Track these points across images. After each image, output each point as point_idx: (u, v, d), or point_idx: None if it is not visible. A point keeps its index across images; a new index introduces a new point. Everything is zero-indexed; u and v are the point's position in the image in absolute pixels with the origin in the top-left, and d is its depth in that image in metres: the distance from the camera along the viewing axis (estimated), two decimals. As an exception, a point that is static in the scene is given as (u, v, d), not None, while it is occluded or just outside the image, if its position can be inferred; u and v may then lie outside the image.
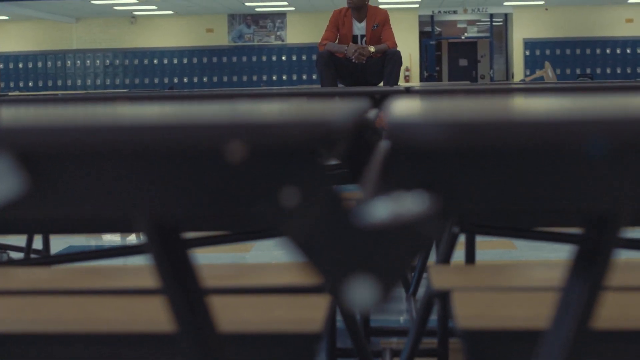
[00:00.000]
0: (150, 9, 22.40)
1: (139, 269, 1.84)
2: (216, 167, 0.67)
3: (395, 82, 7.02)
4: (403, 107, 0.77)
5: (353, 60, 7.01)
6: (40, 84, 24.05)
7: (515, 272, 1.89)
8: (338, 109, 0.76)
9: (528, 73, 22.67)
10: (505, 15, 24.31)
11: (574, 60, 23.23)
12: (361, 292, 0.67)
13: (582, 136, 0.64)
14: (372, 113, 1.63)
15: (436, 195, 0.66)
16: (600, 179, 0.66)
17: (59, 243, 5.42)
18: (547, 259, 4.95)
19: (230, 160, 0.66)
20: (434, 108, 0.80)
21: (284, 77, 23.49)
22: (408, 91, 3.60)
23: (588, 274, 0.76)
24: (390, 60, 7.06)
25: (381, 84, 7.17)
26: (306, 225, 0.67)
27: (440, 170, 0.66)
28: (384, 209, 0.66)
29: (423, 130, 0.64)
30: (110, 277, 1.85)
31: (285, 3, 21.72)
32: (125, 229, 1.74)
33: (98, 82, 24.03)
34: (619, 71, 23.19)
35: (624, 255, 1.11)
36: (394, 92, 3.27)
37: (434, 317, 2.08)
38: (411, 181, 0.66)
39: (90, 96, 3.27)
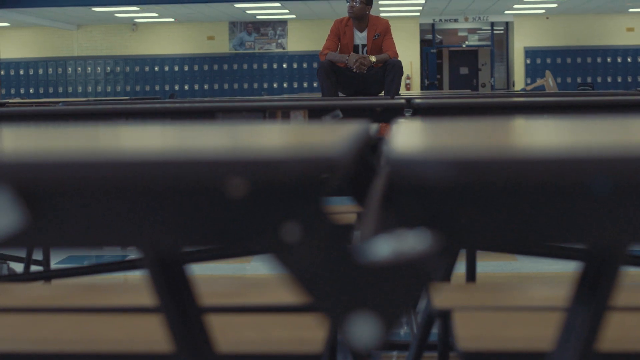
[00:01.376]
0: (151, 16, 22.43)
1: (139, 284, 1.83)
2: (217, 202, 0.66)
3: (397, 92, 7.02)
4: (404, 141, 0.77)
5: (354, 70, 7.01)
6: (41, 90, 24.07)
7: (518, 291, 1.88)
8: (340, 140, 0.75)
9: (529, 82, 22.69)
10: (506, 23, 24.34)
11: (574, 69, 23.26)
12: (363, 329, 0.67)
13: (587, 174, 0.63)
14: (373, 127, 1.62)
15: (438, 233, 0.65)
16: (605, 216, 0.65)
17: (59, 252, 5.41)
18: (548, 271, 4.94)
19: (231, 196, 0.65)
20: (436, 142, 0.79)
21: (285, 85, 23.52)
22: (409, 103, 3.60)
23: (592, 297, 0.75)
24: (392, 70, 7.06)
25: (382, 93, 7.16)
26: (307, 261, 0.67)
27: (443, 207, 0.65)
28: (386, 246, 0.65)
29: (425, 167, 0.64)
30: (109, 294, 1.85)
31: (286, 11, 21.74)
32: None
33: (99, 89, 24.06)
34: (619, 80, 23.22)
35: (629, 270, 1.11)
36: (395, 106, 3.26)
37: (434, 328, 2.07)
38: (413, 218, 0.66)
39: (89, 110, 3.27)
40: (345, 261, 0.66)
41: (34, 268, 4.07)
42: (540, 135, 0.97)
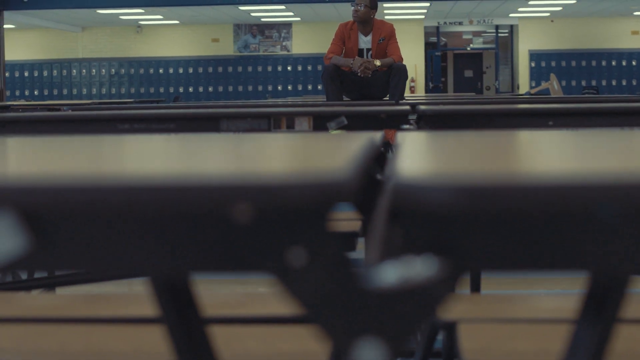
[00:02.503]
0: (156, 19, 22.45)
1: (142, 294, 1.82)
2: (223, 228, 0.66)
3: (401, 96, 7.01)
4: (409, 164, 0.76)
5: (359, 74, 7.00)
6: (46, 92, 24.09)
7: (524, 302, 1.88)
8: (346, 163, 0.75)
9: (533, 84, 22.67)
10: (511, 26, 24.33)
11: (579, 72, 23.24)
12: (368, 354, 0.66)
13: (593, 201, 0.63)
14: (378, 138, 1.61)
15: (445, 259, 0.65)
16: (612, 242, 0.65)
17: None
18: (551, 276, 4.93)
19: (237, 222, 0.65)
20: (441, 164, 0.79)
21: (289, 87, 23.52)
22: (414, 109, 3.59)
23: (600, 311, 0.75)
24: (396, 74, 7.05)
25: (387, 97, 7.15)
26: (313, 286, 0.66)
27: (449, 234, 0.65)
28: (392, 272, 0.65)
29: (431, 194, 0.63)
30: (113, 304, 1.84)
31: (291, 13, 21.74)
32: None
33: (103, 91, 24.07)
34: (624, 83, 23.19)
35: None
36: (400, 112, 3.26)
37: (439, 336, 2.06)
38: (419, 244, 0.65)
39: (94, 116, 3.26)
40: (351, 286, 0.66)
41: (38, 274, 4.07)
42: (547, 155, 0.97)
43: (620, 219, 0.64)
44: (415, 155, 0.99)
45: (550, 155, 1.01)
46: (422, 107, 3.23)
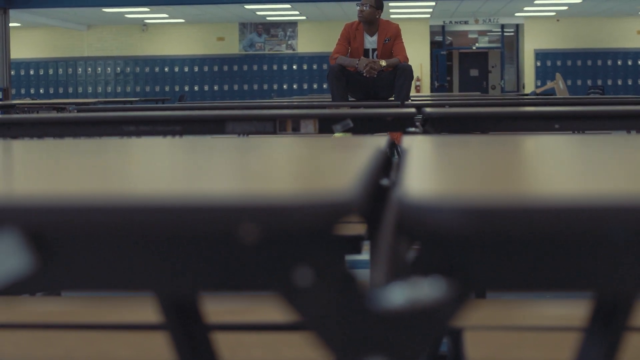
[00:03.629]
0: (161, 17, 22.46)
1: (147, 299, 1.82)
2: (229, 248, 0.65)
3: (407, 97, 7.00)
4: (416, 181, 0.76)
5: (364, 74, 6.99)
6: (51, 90, 24.12)
7: (532, 309, 1.87)
8: (354, 181, 0.74)
9: (539, 84, 22.66)
10: (517, 25, 24.30)
11: (584, 71, 23.21)
12: (375, 375, 0.66)
13: (605, 223, 0.62)
14: (383, 144, 1.61)
15: (453, 281, 0.64)
16: (625, 264, 0.64)
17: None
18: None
19: (243, 242, 0.64)
20: (449, 181, 0.78)
21: (295, 86, 23.52)
22: (419, 111, 3.59)
23: (609, 320, 0.74)
24: (402, 74, 7.04)
25: (392, 97, 7.15)
26: (319, 307, 0.66)
27: (457, 255, 0.64)
28: (400, 294, 0.64)
29: (439, 215, 0.62)
30: (117, 309, 1.84)
31: (297, 12, 21.74)
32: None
33: (109, 89, 24.10)
34: (630, 83, 23.17)
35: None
36: (405, 115, 3.25)
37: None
38: (427, 265, 0.65)
39: (99, 118, 3.26)
40: (358, 307, 0.65)
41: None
42: (556, 166, 0.96)
43: (633, 241, 0.63)
44: (422, 168, 0.99)
45: (559, 166, 1.00)
46: (428, 110, 3.22)
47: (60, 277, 0.67)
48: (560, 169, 0.99)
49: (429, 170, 1.00)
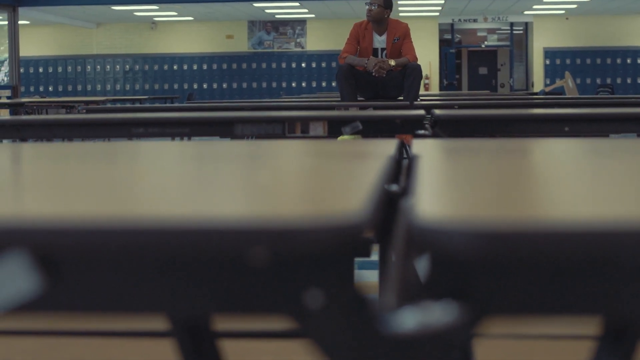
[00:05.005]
0: (170, 15, 22.47)
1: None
2: (240, 271, 0.65)
3: (416, 97, 6.99)
4: (427, 201, 0.75)
5: (373, 74, 6.99)
6: (60, 88, 24.16)
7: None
8: (365, 200, 0.74)
9: (548, 82, 22.60)
10: (526, 24, 24.25)
11: (594, 70, 23.15)
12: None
13: (619, 248, 0.61)
14: (392, 147, 1.61)
15: (465, 304, 0.64)
16: (638, 290, 0.64)
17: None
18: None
19: (254, 266, 0.64)
20: (461, 201, 0.78)
21: (304, 84, 23.51)
22: (428, 112, 3.58)
23: (622, 333, 0.73)
24: (411, 74, 7.03)
25: (401, 97, 7.14)
26: (330, 330, 0.65)
27: (469, 278, 0.64)
28: (411, 318, 0.64)
29: (452, 238, 0.62)
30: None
31: (306, 10, 21.73)
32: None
33: (118, 87, 24.12)
34: (639, 81, 23.09)
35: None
36: (415, 117, 3.25)
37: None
38: (439, 289, 0.64)
39: (107, 119, 3.26)
40: (369, 331, 0.65)
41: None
42: (570, 180, 0.95)
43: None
44: (433, 183, 0.98)
45: (571, 179, 0.99)
46: (437, 112, 3.22)
47: (70, 300, 0.66)
48: (573, 182, 0.99)
49: (439, 184, 0.99)
